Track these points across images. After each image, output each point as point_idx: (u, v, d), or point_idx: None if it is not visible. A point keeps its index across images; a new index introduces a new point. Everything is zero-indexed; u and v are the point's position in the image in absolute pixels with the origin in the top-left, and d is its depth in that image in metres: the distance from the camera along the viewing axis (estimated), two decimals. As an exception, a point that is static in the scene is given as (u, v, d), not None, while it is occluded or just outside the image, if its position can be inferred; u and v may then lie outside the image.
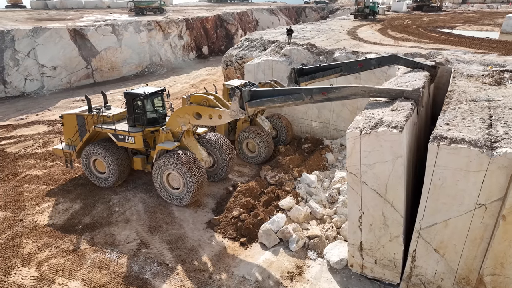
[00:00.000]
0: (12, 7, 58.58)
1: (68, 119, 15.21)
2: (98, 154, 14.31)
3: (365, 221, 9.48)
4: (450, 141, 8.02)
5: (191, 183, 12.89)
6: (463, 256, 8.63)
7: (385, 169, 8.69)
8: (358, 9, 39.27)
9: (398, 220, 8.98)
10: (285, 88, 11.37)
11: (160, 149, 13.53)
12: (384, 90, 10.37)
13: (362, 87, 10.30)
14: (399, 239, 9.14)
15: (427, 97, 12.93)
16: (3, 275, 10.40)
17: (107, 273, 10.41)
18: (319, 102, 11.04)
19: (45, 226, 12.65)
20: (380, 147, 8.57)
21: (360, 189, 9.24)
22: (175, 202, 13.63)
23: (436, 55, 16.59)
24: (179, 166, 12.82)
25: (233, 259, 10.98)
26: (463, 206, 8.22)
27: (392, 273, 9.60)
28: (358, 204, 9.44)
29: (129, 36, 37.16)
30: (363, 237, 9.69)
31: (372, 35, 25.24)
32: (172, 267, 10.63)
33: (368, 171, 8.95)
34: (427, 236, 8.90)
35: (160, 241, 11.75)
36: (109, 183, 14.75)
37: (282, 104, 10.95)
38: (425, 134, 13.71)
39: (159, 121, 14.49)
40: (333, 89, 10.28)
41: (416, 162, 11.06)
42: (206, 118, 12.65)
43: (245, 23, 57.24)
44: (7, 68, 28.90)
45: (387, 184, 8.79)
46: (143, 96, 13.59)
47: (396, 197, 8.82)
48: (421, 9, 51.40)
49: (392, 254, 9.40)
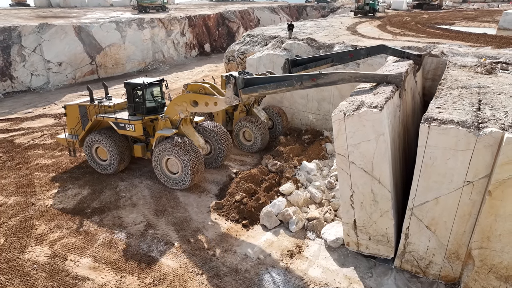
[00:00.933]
0: (16, 5, 59.23)
1: (71, 109, 15.90)
2: (100, 142, 14.92)
3: (356, 199, 10.04)
4: (440, 122, 8.56)
5: (189, 168, 13.55)
6: (453, 231, 9.17)
7: (370, 147, 9.26)
8: (358, 7, 39.80)
9: (386, 195, 9.53)
10: (276, 76, 11.96)
11: (159, 136, 14.19)
12: (369, 75, 11.05)
13: (348, 72, 10.95)
14: (389, 213, 9.67)
15: (414, 84, 13.51)
16: (19, 252, 10.97)
17: (117, 251, 10.98)
18: (309, 88, 11.64)
19: (56, 209, 13.22)
20: (363, 127, 9.14)
21: (349, 168, 9.80)
22: (174, 186, 14.28)
23: (432, 48, 17.11)
24: (177, 151, 13.49)
25: (236, 239, 11.53)
26: (452, 184, 8.76)
27: (386, 247, 10.14)
28: (348, 183, 9.98)
29: (132, 33, 37.74)
30: (356, 215, 10.23)
31: (371, 30, 25.76)
32: (178, 246, 11.19)
33: (355, 151, 9.52)
34: (419, 213, 9.44)
35: (166, 223, 12.31)
36: (111, 170, 15.36)
37: (274, 90, 11.50)
38: (418, 122, 14.27)
39: (158, 110, 15.16)
40: (322, 75, 10.89)
41: (405, 145, 11.59)
42: (203, 105, 13.26)
43: (247, 21, 57.79)
44: (14, 63, 29.49)
45: (373, 162, 9.35)
46: (142, 85, 14.23)
47: (383, 173, 9.36)
48: (421, 7, 51.87)
49: (384, 229, 9.94)
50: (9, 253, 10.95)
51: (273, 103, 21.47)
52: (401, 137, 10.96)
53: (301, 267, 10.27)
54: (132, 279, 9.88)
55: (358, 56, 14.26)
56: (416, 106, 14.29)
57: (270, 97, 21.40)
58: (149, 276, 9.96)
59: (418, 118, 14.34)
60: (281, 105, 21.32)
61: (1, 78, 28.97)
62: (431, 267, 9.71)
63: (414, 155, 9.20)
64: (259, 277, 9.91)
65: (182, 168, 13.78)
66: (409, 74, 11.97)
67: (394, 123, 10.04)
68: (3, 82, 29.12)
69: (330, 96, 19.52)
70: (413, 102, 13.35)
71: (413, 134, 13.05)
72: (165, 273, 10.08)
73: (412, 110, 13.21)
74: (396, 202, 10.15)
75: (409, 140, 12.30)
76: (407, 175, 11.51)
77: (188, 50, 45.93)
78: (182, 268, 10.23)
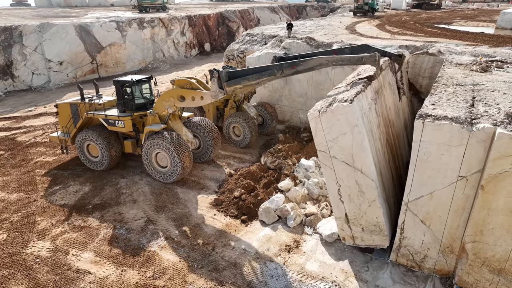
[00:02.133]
0: (17, 5, 59.49)
1: (63, 108, 16.30)
2: (91, 139, 15.28)
3: (344, 192, 10.30)
4: (434, 118, 8.74)
5: (178, 161, 13.97)
6: (447, 226, 9.35)
7: (347, 140, 9.62)
8: (357, 6, 39.96)
9: (370, 184, 9.79)
10: (258, 66, 12.25)
11: (148, 131, 14.63)
12: (345, 58, 11.39)
13: (326, 57, 11.28)
14: (376, 202, 9.90)
15: (393, 79, 14.09)
16: (21, 247, 11.16)
17: (117, 246, 11.17)
18: (290, 75, 12.05)
19: (57, 205, 13.41)
20: (338, 121, 9.54)
21: (332, 163, 10.09)
22: (163, 180, 14.71)
23: (430, 47, 17.28)
24: (165, 145, 13.94)
25: (235, 234, 11.71)
26: (446, 179, 8.94)
27: (380, 237, 10.29)
28: (334, 178, 10.25)
29: (133, 32, 37.93)
30: (346, 209, 10.48)
31: (370, 30, 25.94)
32: (177, 241, 11.38)
33: (334, 145, 9.85)
34: (414, 208, 9.62)
35: (166, 219, 12.49)
36: (103, 167, 15.70)
37: (257, 80, 11.82)
38: (404, 118, 14.56)
39: (147, 107, 15.49)
40: (301, 62, 11.29)
41: (388, 136, 11.96)
42: (189, 100, 13.66)
43: (247, 20, 57.97)
44: (15, 62, 29.70)
45: (352, 153, 9.69)
46: (130, 82, 14.64)
47: (363, 163, 9.64)
48: (420, 6, 52.03)
49: (374, 218, 10.14)
50: (12, 248, 11.14)
51: (272, 101, 21.67)
52: (381, 128, 11.21)
53: (299, 261, 10.46)
54: (132, 272, 10.07)
55: (342, 54, 14.43)
56: (401, 103, 14.68)
57: (269, 95, 21.60)
58: (149, 270, 10.15)
59: (404, 115, 14.67)
60: (280, 104, 21.51)
61: (2, 77, 29.18)
62: (426, 261, 9.90)
63: (405, 150, 9.44)
64: (257, 271, 10.10)
65: (171, 162, 14.18)
66: (384, 70, 12.50)
67: (370, 115, 10.35)
68: (5, 81, 29.33)
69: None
70: (393, 97, 13.74)
71: (400, 129, 13.30)
72: (165, 267, 10.26)
73: (394, 105, 13.54)
74: (384, 191, 10.37)
75: (396, 133, 12.60)
76: (399, 168, 11.75)
77: (188, 50, 46.13)
78: (181, 262, 10.42)
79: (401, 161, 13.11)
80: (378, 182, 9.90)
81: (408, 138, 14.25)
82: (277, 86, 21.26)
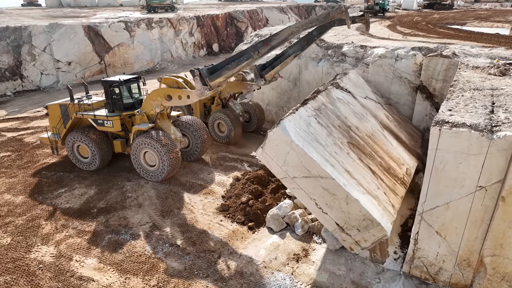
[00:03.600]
0: (28, 5, 60.00)
1: (52, 109, 16.31)
2: (81, 139, 15.32)
3: (321, 203, 10.22)
4: (452, 125, 8.32)
5: (165, 160, 14.07)
6: (464, 238, 8.91)
7: (293, 156, 10.11)
8: (367, 6, 39.41)
9: (334, 183, 9.80)
10: (235, 54, 12.62)
11: (136, 130, 14.75)
12: (313, 18, 12.13)
13: (295, 24, 11.93)
14: (350, 196, 9.71)
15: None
16: (25, 252, 11.00)
17: (122, 252, 10.94)
18: (267, 54, 12.33)
19: (62, 209, 13.25)
20: (277, 146, 10.21)
21: (297, 184, 10.38)
22: (152, 178, 14.85)
23: (444, 48, 16.76)
24: (153, 144, 14.09)
25: (241, 241, 11.40)
26: (464, 189, 8.51)
27: (376, 228, 9.76)
28: (307, 195, 10.37)
29: (141, 32, 37.89)
30: (333, 217, 10.21)
31: (381, 31, 25.43)
32: (183, 247, 11.10)
33: (288, 167, 10.31)
34: (429, 218, 9.20)
35: (172, 224, 12.23)
36: (93, 167, 15.74)
37: (238, 68, 12.01)
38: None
39: (136, 106, 15.52)
40: (273, 37, 11.79)
41: (362, 140, 12.35)
42: (176, 99, 13.83)
43: (255, 21, 57.66)
44: (24, 63, 29.82)
45: (304, 165, 10.04)
46: (118, 83, 14.70)
47: (317, 168, 9.90)
48: (432, 7, 51.18)
49: (358, 212, 9.78)
50: (15, 252, 10.99)
51: (280, 104, 21.34)
52: (335, 134, 11.78)
53: (308, 271, 10.10)
54: (136, 280, 9.82)
55: (312, 38, 14.08)
56: (375, 106, 15.08)
57: (277, 98, 21.26)
58: (154, 278, 9.89)
59: (380, 115, 15.23)
60: (288, 106, 21.14)
61: (11, 77, 29.32)
62: (441, 273, 9.46)
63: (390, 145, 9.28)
64: (264, 281, 9.77)
65: (159, 161, 14.27)
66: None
67: (311, 127, 11.07)
68: (14, 81, 29.46)
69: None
70: (353, 105, 14.29)
71: (372, 129, 13.66)
72: (170, 275, 9.99)
73: (354, 112, 13.88)
74: (360, 184, 10.38)
75: (366, 134, 13.06)
76: (383, 162, 12.16)
77: (196, 50, 45.99)
78: (186, 271, 10.14)
79: (386, 155, 13.09)
80: (344, 178, 10.08)
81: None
82: (286, 88, 20.92)
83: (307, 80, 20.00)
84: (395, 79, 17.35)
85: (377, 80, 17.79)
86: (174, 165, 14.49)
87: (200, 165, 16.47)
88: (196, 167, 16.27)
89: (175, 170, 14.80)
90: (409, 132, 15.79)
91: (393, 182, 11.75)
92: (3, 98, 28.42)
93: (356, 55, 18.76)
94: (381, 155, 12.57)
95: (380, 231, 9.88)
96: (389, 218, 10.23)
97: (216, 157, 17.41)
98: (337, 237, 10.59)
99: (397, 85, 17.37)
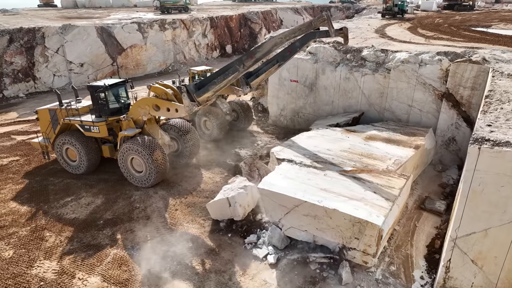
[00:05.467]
0: (44, 6, 60.49)
1: (42, 113, 16.06)
2: (69, 143, 15.17)
3: (313, 230, 10.58)
4: (493, 143, 7.41)
5: (152, 166, 13.82)
6: (504, 269, 7.99)
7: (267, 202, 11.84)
8: (386, 8, 38.10)
9: (307, 204, 10.21)
10: (220, 68, 12.51)
11: (122, 136, 14.45)
12: (296, 28, 11.97)
13: (278, 35, 11.85)
14: (327, 209, 9.85)
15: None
16: (26, 267, 10.47)
17: (127, 270, 10.30)
18: (252, 66, 12.21)
19: (68, 219, 12.72)
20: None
21: (285, 224, 11.01)
22: (140, 184, 14.56)
23: (472, 53, 15.68)
24: (139, 150, 13.80)
25: (254, 261, 10.62)
26: (506, 215, 7.60)
27: (369, 227, 9.46)
28: (299, 230, 10.79)
29: (154, 34, 37.49)
30: (330, 238, 10.41)
31: (402, 33, 24.32)
32: (191, 266, 10.40)
33: (270, 213, 11.59)
34: (464, 245, 8.30)
35: (180, 240, 11.53)
36: (81, 170, 15.61)
37: (224, 82, 12.04)
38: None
39: (123, 111, 15.20)
40: (257, 49, 11.90)
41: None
42: (164, 110, 13.67)
43: (269, 22, 56.86)
44: (37, 64, 29.68)
45: (279, 203, 10.87)
46: (103, 87, 14.36)
47: (287, 200, 10.62)
48: (452, 8, 49.42)
49: (344, 220, 9.82)
50: (16, 267, 10.47)
51: (296, 109, 20.52)
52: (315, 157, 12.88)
53: (326, 297, 9.28)
54: (141, 303, 9.15)
55: (295, 49, 13.30)
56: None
57: (292, 103, 20.43)
58: (160, 301, 9.20)
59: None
60: (303, 112, 20.32)
61: (24, 78, 29.20)
62: (475, 306, 8.54)
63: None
64: (279, 308, 8.99)
65: (146, 167, 14.00)
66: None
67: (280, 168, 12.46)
68: (26, 83, 29.34)
69: (356, 103, 18.38)
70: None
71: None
72: (177, 298, 9.30)
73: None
74: (339, 195, 10.45)
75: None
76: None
77: (209, 52, 45.45)
78: (195, 293, 9.43)
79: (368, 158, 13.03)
80: (319, 196, 10.32)
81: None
82: (301, 93, 20.07)
83: (324, 86, 19.11)
84: (418, 85, 16.35)
85: (399, 87, 16.80)
86: (162, 171, 14.21)
87: (206, 172, 15.77)
88: (199, 174, 15.56)
89: (163, 176, 14.57)
90: (409, 132, 15.50)
91: (387, 179, 11.40)
92: (15, 99, 28.32)
93: (377, 60, 17.79)
94: (363, 161, 12.71)
95: (373, 228, 9.35)
96: (381, 211, 9.71)
97: (208, 158, 17.24)
98: (348, 257, 9.99)
99: (421, 92, 16.36)
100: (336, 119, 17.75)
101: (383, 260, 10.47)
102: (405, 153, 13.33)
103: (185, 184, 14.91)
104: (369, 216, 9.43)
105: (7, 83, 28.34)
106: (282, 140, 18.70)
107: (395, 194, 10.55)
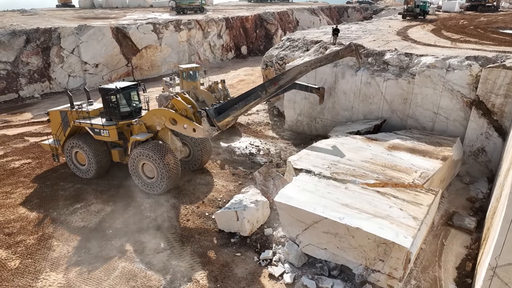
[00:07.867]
0: (62, 6, 61.19)
1: (54, 115, 15.81)
2: (79, 146, 14.88)
3: (333, 249, 9.95)
4: (545, 165, 6.54)
5: (164, 172, 13.33)
6: (552, 304, 7.10)
7: (284, 216, 11.99)
8: (407, 9, 36.84)
9: (327, 221, 9.59)
10: (242, 94, 12.36)
11: (134, 141, 14.01)
12: (322, 58, 11.98)
13: (303, 63, 11.79)
14: (350, 227, 9.22)
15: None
16: (32, 279, 10.06)
17: (135, 286, 9.76)
18: (275, 93, 12.15)
19: (76, 228, 12.31)
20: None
21: (302, 241, 10.37)
22: (150, 191, 14.02)
23: (505, 58, 14.65)
24: (150, 155, 13.35)
25: (269, 279, 9.96)
26: (556, 245, 6.71)
27: (396, 249, 8.28)
28: (318, 248, 10.11)
29: (169, 34, 37.23)
30: (352, 259, 9.60)
31: (425, 36, 23.25)
32: (203, 284, 9.79)
33: (287, 228, 11.66)
34: (505, 276, 7.44)
35: (192, 254, 10.96)
36: (91, 175, 15.24)
37: (245, 108, 11.87)
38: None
39: (134, 115, 14.79)
40: (281, 76, 11.72)
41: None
42: (181, 127, 13.12)
43: (285, 23, 56.07)
44: (53, 64, 29.71)
45: (296, 218, 10.41)
46: (115, 91, 13.96)
47: (306, 215, 10.17)
48: (475, 9, 47.65)
49: (368, 240, 9.15)
50: (22, 279, 10.07)
51: (313, 114, 19.77)
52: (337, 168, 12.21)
53: (348, 325, 8.53)
54: (149, 325, 8.59)
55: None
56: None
57: (310, 108, 19.69)
58: (168, 323, 8.62)
59: None
60: (321, 117, 19.56)
61: (40, 79, 29.26)
62: None
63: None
64: (296, 335, 8.29)
65: (157, 173, 13.50)
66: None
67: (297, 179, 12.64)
68: (42, 83, 29.40)
69: (378, 110, 17.50)
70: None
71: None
72: (187, 320, 8.71)
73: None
74: (362, 211, 9.76)
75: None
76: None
77: (224, 53, 44.99)
78: (206, 315, 8.82)
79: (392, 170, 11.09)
80: (340, 213, 9.69)
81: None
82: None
83: (343, 90, 18.29)
84: (445, 92, 15.39)
85: (423, 93, 15.87)
86: (173, 176, 13.68)
87: (219, 180, 15.18)
88: (212, 181, 14.97)
89: (174, 182, 14.03)
90: (435, 142, 14.59)
91: (414, 194, 10.56)
92: (31, 100, 28.38)
93: (400, 64, 16.89)
94: (387, 173, 11.93)
95: (400, 250, 8.53)
96: (409, 232, 8.87)
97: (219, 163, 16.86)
98: (372, 281, 9.13)
99: (448, 99, 15.40)
100: (356, 126, 16.93)
101: (409, 283, 9.66)
102: (432, 165, 12.46)
103: (198, 192, 14.35)
104: (396, 237, 8.66)
105: (23, 84, 28.42)
106: (298, 147, 18.02)
107: (424, 211, 9.73)
